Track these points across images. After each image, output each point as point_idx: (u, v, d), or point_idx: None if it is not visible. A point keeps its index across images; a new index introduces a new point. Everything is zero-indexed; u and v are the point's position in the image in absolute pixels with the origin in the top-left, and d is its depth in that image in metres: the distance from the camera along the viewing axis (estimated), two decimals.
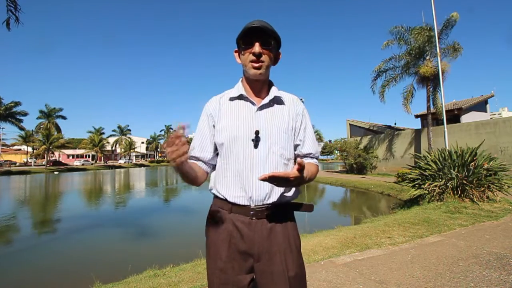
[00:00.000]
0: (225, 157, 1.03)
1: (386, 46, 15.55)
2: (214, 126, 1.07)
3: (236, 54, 1.08)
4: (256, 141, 0.99)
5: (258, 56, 0.98)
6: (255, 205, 0.98)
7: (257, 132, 0.99)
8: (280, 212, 1.02)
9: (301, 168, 0.83)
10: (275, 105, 1.07)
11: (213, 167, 1.12)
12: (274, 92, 1.07)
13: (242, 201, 0.99)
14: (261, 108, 1.04)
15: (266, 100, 1.05)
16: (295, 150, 1.11)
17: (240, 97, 1.06)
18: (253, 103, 1.04)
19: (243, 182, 0.99)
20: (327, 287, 2.43)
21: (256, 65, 0.99)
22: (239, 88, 1.07)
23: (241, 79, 1.11)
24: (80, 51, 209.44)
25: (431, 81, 14.74)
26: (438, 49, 12.89)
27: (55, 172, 36.17)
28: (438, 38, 13.12)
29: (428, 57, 14.76)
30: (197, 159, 1.08)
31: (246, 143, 1.00)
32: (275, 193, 1.00)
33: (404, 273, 2.66)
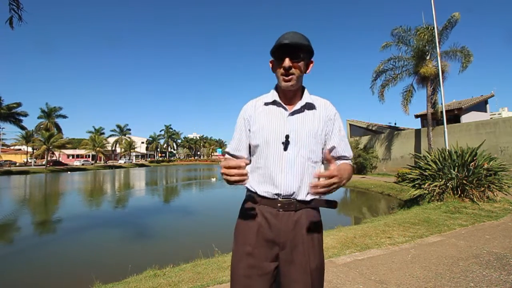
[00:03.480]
0: (258, 157, 1.13)
1: (384, 48, 15.54)
2: (249, 130, 1.17)
3: (271, 65, 1.16)
4: (286, 144, 1.07)
5: (287, 69, 1.06)
6: (282, 198, 1.07)
7: (287, 137, 1.08)
8: (306, 206, 1.09)
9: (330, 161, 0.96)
10: (306, 110, 1.14)
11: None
12: (306, 98, 1.14)
13: (271, 196, 1.07)
14: (293, 113, 1.12)
15: (298, 106, 1.12)
16: (330, 153, 1.17)
17: (274, 102, 1.15)
18: (285, 109, 1.13)
19: (273, 180, 1.07)
20: (327, 287, 2.43)
21: (287, 78, 1.08)
22: (273, 94, 1.16)
23: (275, 85, 1.19)
24: (80, 51, 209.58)
25: (431, 81, 14.74)
26: (438, 49, 12.90)
27: (68, 172, 36.62)
28: (439, 39, 13.12)
29: (428, 57, 14.76)
30: (235, 156, 1.21)
31: (277, 145, 1.08)
32: (302, 192, 1.07)
33: (404, 273, 2.66)
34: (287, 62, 1.05)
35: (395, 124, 23.38)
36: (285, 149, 1.07)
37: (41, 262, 5.18)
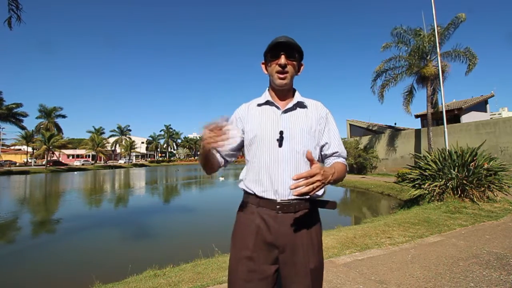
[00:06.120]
0: (254, 156, 1.13)
1: (384, 48, 15.50)
2: (243, 130, 1.19)
3: (263, 66, 1.21)
4: (281, 140, 1.09)
5: (283, 66, 1.10)
6: (281, 200, 1.07)
7: (281, 132, 1.10)
8: (305, 207, 1.09)
9: (312, 160, 0.94)
10: (298, 108, 1.17)
11: (226, 163, 1.24)
12: (297, 97, 1.18)
13: (269, 195, 1.07)
14: (286, 111, 1.15)
15: (290, 104, 1.16)
16: (321, 151, 1.20)
17: (267, 102, 1.18)
18: (278, 107, 1.16)
19: (270, 177, 1.08)
20: (327, 287, 2.43)
21: (282, 76, 1.11)
22: (266, 95, 1.20)
23: (267, 88, 1.23)
24: (80, 50, 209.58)
25: (431, 81, 14.73)
26: (438, 50, 12.89)
27: (75, 172, 36.72)
28: (439, 39, 13.11)
29: (429, 57, 14.75)
30: (216, 151, 1.21)
31: (271, 142, 1.10)
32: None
33: (404, 273, 2.66)
34: (283, 59, 1.09)
35: (395, 124, 23.40)
36: (280, 145, 1.08)
37: (41, 262, 5.18)
